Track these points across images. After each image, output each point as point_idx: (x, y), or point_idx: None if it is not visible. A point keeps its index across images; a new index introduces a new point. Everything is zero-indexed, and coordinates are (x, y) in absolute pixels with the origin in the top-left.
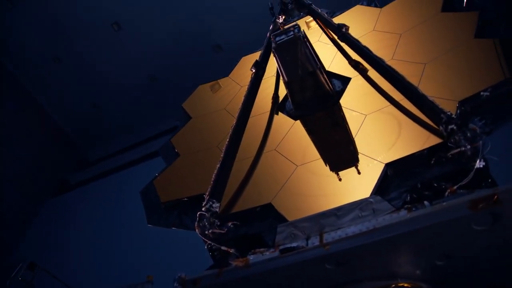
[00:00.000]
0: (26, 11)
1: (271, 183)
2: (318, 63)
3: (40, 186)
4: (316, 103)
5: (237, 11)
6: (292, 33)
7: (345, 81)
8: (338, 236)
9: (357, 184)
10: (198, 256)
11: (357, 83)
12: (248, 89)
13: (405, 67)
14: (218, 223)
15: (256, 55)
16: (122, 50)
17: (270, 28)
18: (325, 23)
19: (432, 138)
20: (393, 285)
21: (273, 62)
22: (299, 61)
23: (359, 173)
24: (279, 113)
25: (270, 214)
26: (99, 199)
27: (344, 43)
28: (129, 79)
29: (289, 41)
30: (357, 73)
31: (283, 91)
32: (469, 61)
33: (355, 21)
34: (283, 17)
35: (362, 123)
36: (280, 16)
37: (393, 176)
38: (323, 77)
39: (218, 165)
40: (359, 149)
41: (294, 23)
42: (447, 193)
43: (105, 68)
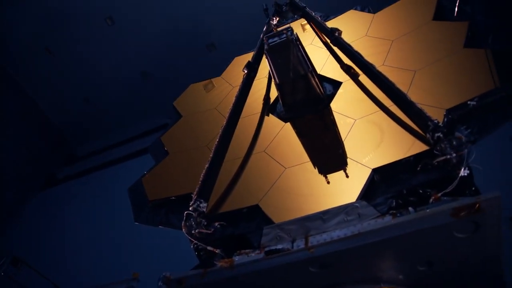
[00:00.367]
0: (19, 2)
1: (259, 184)
2: (310, 66)
3: (27, 180)
4: (306, 106)
5: (233, 10)
6: (285, 35)
7: (336, 85)
8: (323, 240)
9: (344, 188)
10: (184, 255)
11: (348, 87)
12: (240, 89)
13: (395, 74)
14: (205, 223)
15: (249, 56)
16: (114, 45)
17: (264, 29)
18: (318, 27)
19: (419, 145)
20: None
21: (265, 64)
22: (291, 64)
23: (347, 176)
24: (270, 114)
25: (257, 215)
26: (86, 195)
27: (336, 47)
28: (122, 75)
29: (281, 43)
30: (348, 78)
31: (274, 93)
32: (458, 70)
33: (348, 25)
34: (277, 18)
35: (351, 127)
36: (274, 18)
37: (380, 181)
38: (315, 80)
39: (207, 165)
40: (347, 154)
41: (287, 25)
42: (431, 200)
43: (97, 62)
